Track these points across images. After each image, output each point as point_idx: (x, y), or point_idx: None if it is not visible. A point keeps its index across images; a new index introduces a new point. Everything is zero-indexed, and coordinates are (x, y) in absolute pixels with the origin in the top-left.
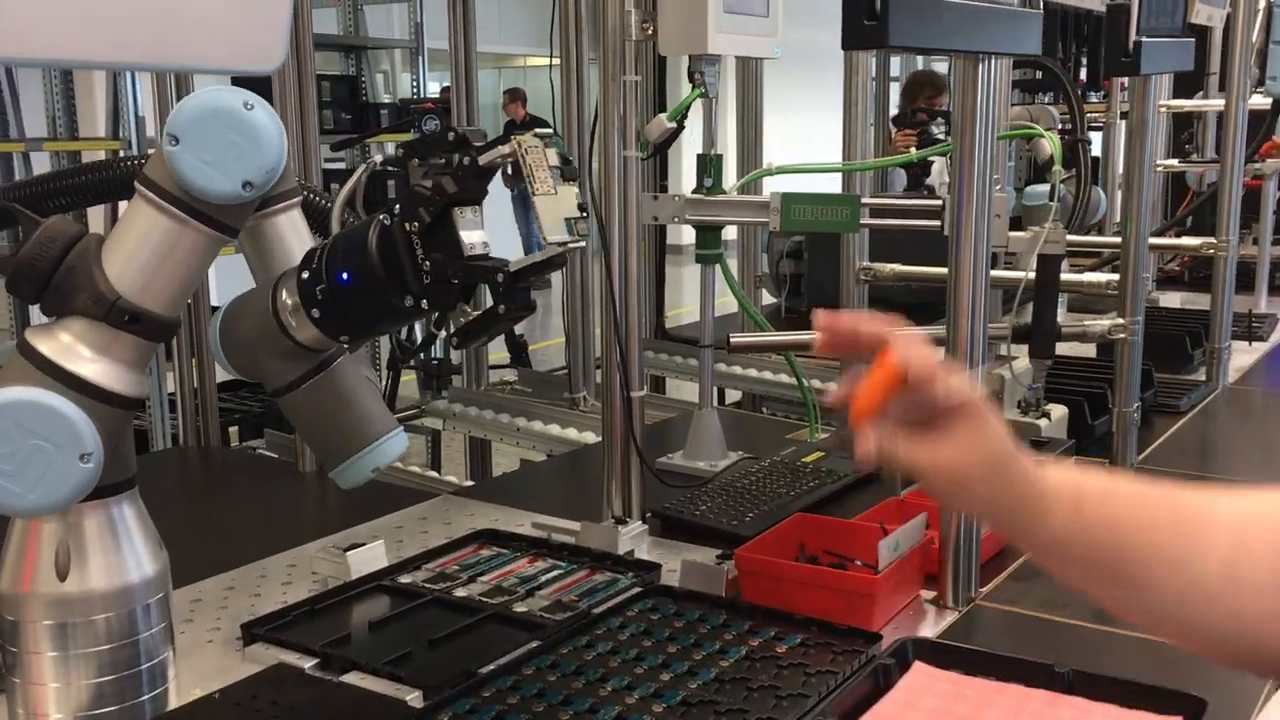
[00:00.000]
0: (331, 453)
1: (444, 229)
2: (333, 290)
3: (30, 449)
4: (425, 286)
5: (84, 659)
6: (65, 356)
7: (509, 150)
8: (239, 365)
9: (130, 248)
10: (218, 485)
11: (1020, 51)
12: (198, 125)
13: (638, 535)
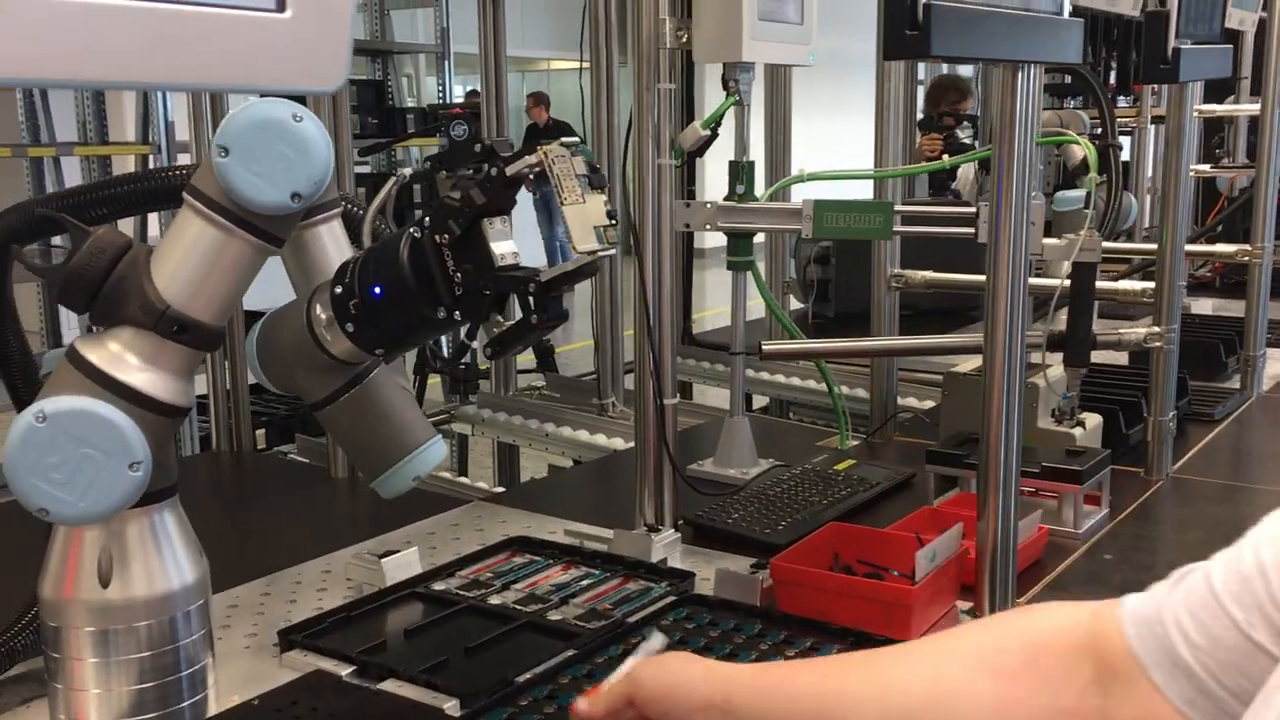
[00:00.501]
0: (372, 464)
1: (474, 240)
2: (366, 304)
3: (80, 458)
4: (457, 298)
5: (125, 665)
6: (114, 366)
7: (536, 160)
8: (276, 380)
9: (179, 258)
10: (250, 490)
11: (1061, 60)
12: (248, 137)
13: (670, 543)
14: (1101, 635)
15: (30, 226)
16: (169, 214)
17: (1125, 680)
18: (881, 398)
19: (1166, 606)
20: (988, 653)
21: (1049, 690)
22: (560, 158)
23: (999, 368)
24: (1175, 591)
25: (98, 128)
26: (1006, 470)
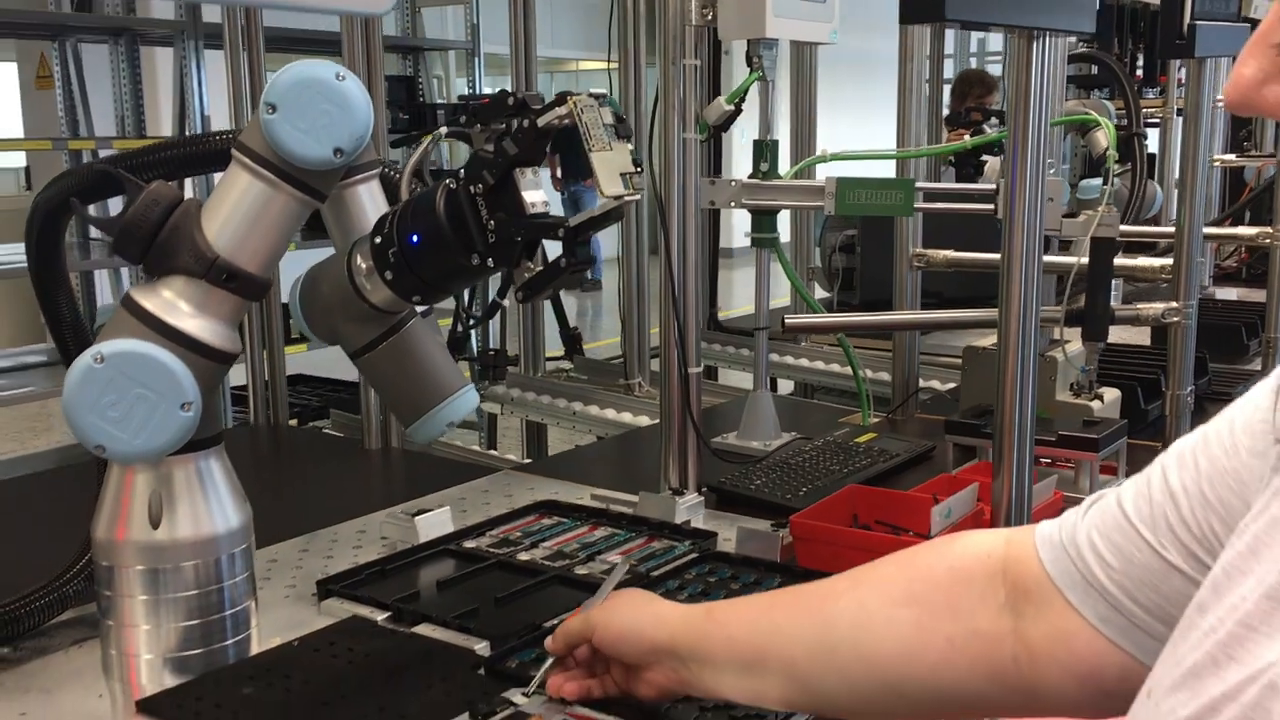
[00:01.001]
0: (408, 409)
1: (506, 190)
2: (404, 252)
3: (135, 397)
4: (490, 245)
5: (173, 603)
6: (167, 312)
7: (566, 111)
8: (318, 330)
9: (227, 210)
10: (287, 460)
11: (1075, 29)
12: (294, 95)
13: (694, 506)
14: (1015, 560)
15: (88, 185)
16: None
17: (1039, 601)
18: (903, 376)
19: (1080, 530)
20: (908, 584)
21: (964, 615)
22: (589, 107)
23: (1014, 329)
24: (1087, 516)
25: (135, 122)
26: (1021, 430)
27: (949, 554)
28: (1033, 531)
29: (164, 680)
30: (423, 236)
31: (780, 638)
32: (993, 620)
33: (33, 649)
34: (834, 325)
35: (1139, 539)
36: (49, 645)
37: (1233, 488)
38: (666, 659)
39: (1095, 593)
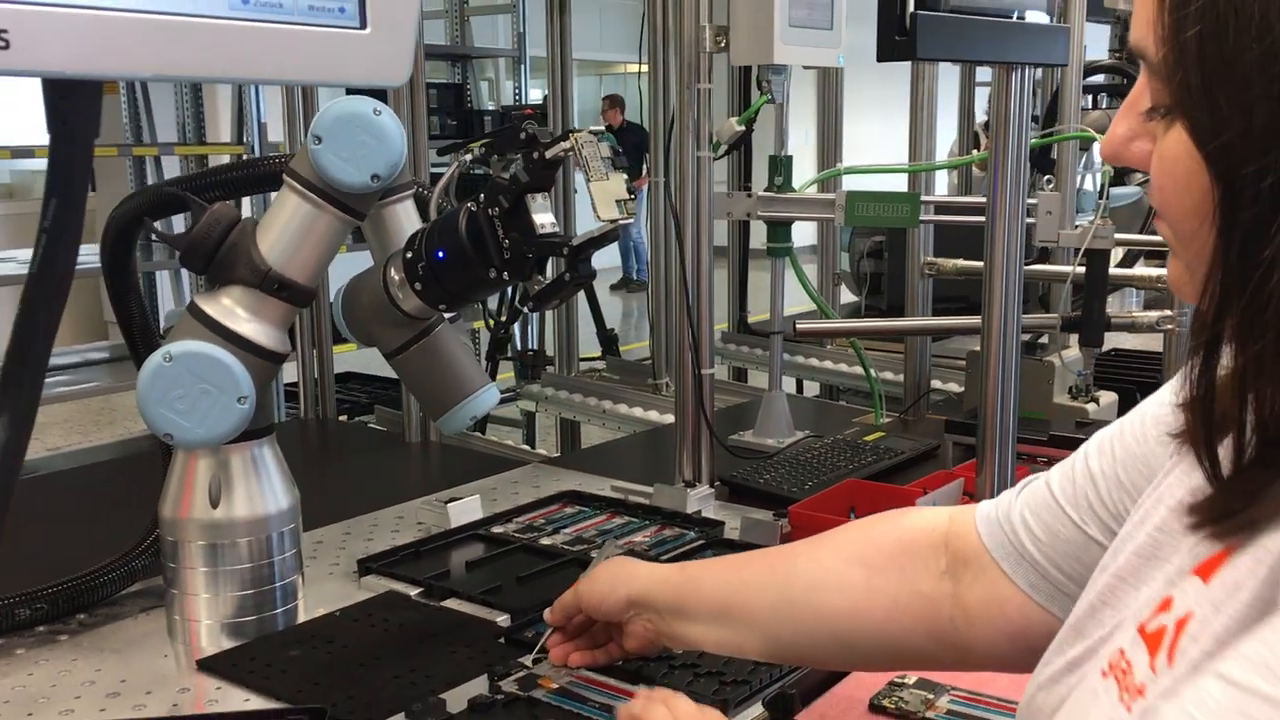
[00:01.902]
0: (436, 404)
1: (519, 213)
2: (431, 266)
3: (199, 392)
4: (506, 261)
5: (230, 575)
6: (227, 317)
7: (569, 144)
8: (356, 333)
9: (279, 228)
10: (333, 451)
11: (1047, 62)
12: (337, 128)
13: (705, 497)
14: (956, 534)
15: (157, 204)
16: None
17: (975, 569)
18: (914, 378)
19: (1013, 508)
20: (861, 548)
21: (908, 578)
22: (588, 142)
23: (995, 333)
24: (1020, 496)
25: (195, 129)
26: (1002, 428)
27: (899, 525)
28: (974, 510)
29: (221, 643)
30: (447, 253)
31: (745, 591)
32: (933, 584)
33: (105, 615)
34: (843, 330)
35: (1064, 516)
36: (120, 613)
37: (1142, 472)
38: (644, 611)
39: (1026, 563)
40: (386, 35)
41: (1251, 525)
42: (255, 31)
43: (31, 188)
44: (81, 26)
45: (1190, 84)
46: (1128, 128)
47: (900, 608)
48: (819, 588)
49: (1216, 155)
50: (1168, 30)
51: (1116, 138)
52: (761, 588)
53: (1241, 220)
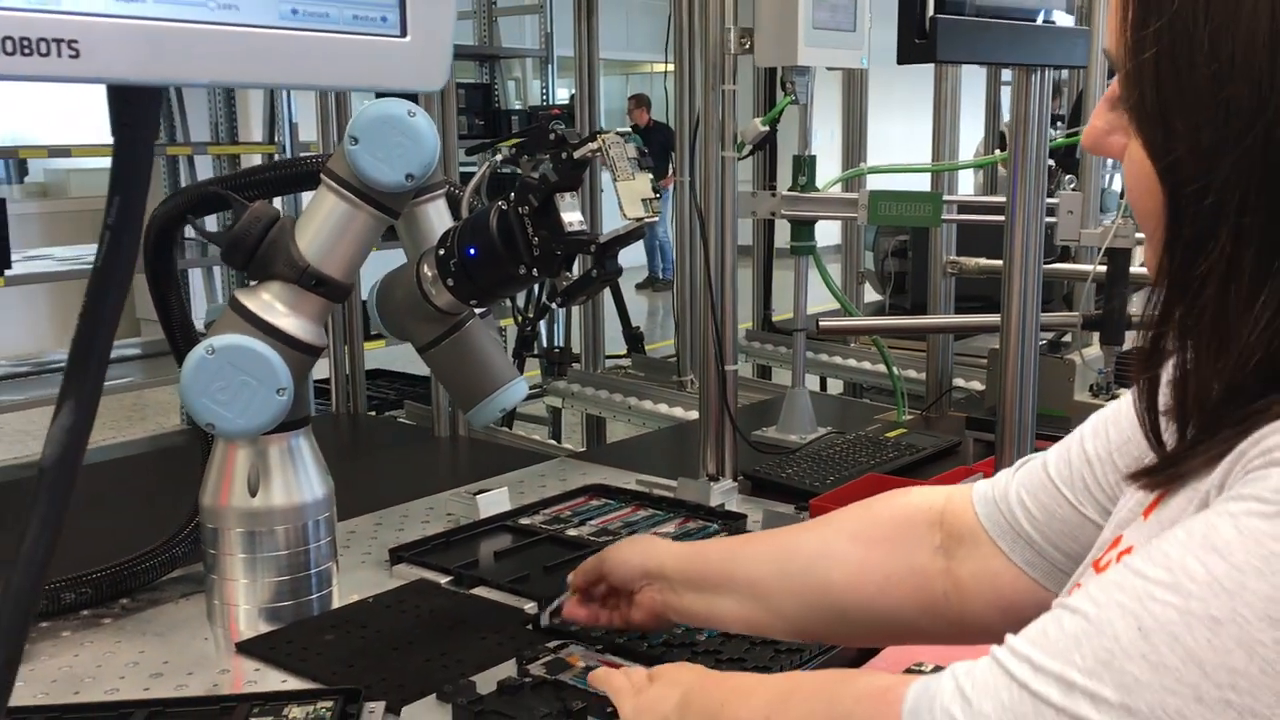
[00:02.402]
0: (467, 397)
1: (549, 212)
2: (463, 263)
3: (239, 383)
4: (535, 257)
5: (267, 561)
6: (266, 311)
7: (597, 145)
8: (391, 328)
9: (316, 226)
10: (364, 445)
11: (1067, 64)
12: (373, 129)
13: (728, 491)
14: (952, 512)
15: (198, 202)
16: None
17: (970, 546)
18: (936, 375)
19: (1010, 488)
20: (862, 525)
21: (903, 552)
22: (616, 143)
23: (1014, 330)
24: (1016, 476)
25: (228, 129)
26: (1021, 423)
27: (896, 503)
28: (970, 489)
29: (259, 627)
30: (479, 250)
31: (749, 563)
32: (927, 560)
33: (147, 600)
34: (865, 328)
35: (1060, 497)
36: (161, 598)
37: (1135, 455)
38: (656, 582)
39: (1022, 541)
40: (425, 42)
41: (1181, 476)
42: (304, 40)
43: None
44: (145, 37)
45: (1146, 102)
46: (1106, 121)
47: (894, 582)
48: (818, 561)
49: (1165, 171)
50: (1129, 48)
51: (1096, 130)
52: (764, 560)
53: (1183, 235)
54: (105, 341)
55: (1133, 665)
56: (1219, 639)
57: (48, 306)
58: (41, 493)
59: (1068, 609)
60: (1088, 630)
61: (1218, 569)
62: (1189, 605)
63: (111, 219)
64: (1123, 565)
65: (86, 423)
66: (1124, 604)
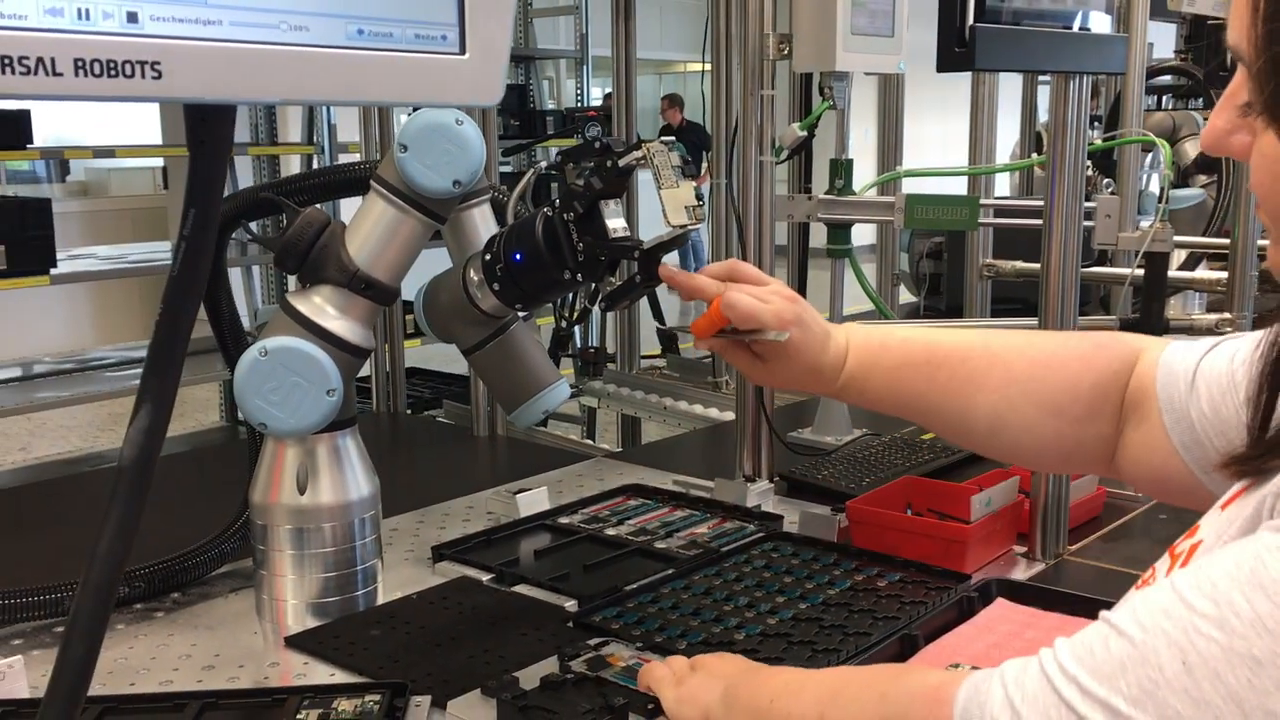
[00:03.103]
0: (510, 399)
1: (593, 218)
2: (509, 268)
3: (291, 385)
4: (579, 263)
5: (315, 557)
6: (317, 314)
7: (642, 153)
8: (436, 330)
9: (366, 231)
10: (404, 444)
11: (1106, 71)
12: (421, 137)
13: (764, 492)
14: (1139, 375)
15: (252, 206)
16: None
17: (1141, 412)
18: None
19: (1196, 367)
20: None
21: (1091, 423)
22: (660, 151)
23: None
24: (1206, 356)
25: (267, 130)
26: None
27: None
28: (1163, 352)
29: (306, 622)
30: (524, 255)
31: (923, 401)
32: (1109, 425)
33: (197, 595)
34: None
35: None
36: (210, 592)
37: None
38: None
39: (1184, 426)
40: (482, 59)
41: (1265, 472)
42: (369, 59)
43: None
44: (222, 58)
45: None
46: (1227, 120)
47: (1081, 450)
48: (1001, 427)
49: None
50: (1261, 40)
51: (1217, 130)
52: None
53: None
54: (181, 346)
55: (1175, 699)
56: (1259, 680)
57: (89, 305)
58: (120, 491)
59: (1115, 630)
60: (1134, 657)
61: (1263, 608)
62: (1232, 643)
63: (187, 229)
64: (1171, 588)
65: (163, 423)
66: (1170, 634)
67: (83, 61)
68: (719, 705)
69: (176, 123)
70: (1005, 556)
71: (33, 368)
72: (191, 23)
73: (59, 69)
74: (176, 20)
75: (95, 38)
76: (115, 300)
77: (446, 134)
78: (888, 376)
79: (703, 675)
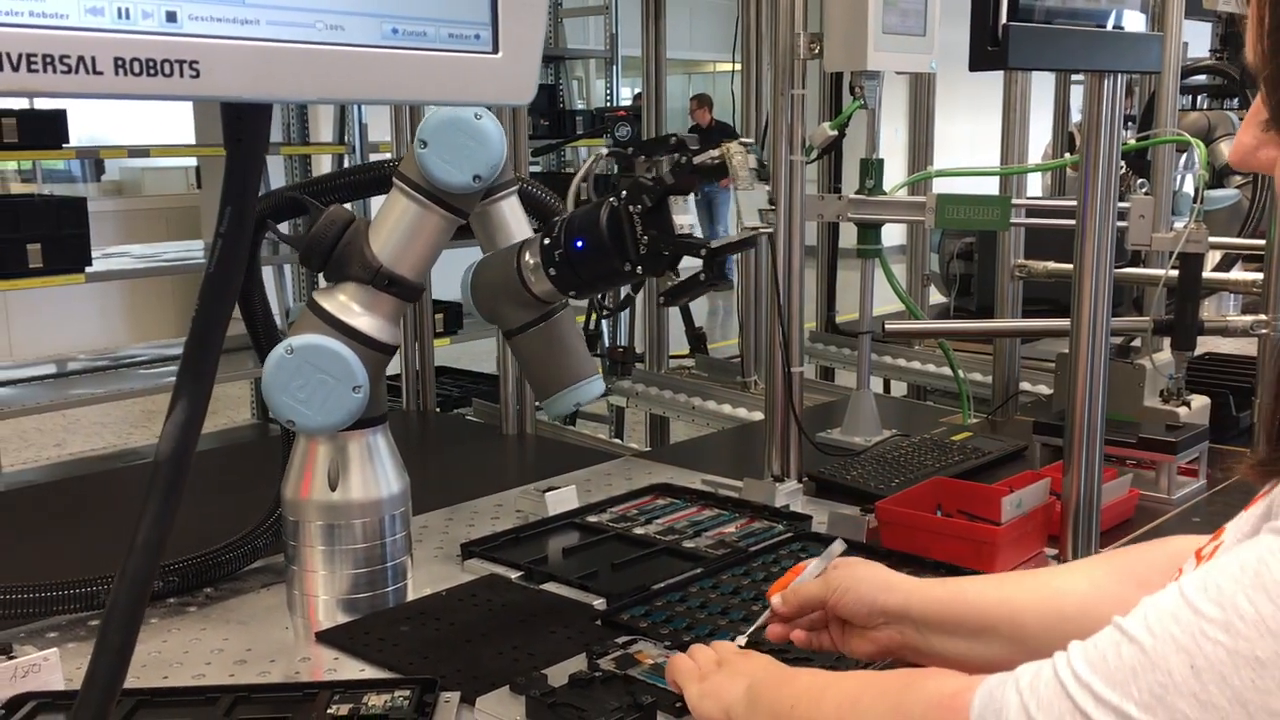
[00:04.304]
0: (545, 386)
1: (661, 212)
2: (569, 254)
3: (318, 382)
4: (642, 256)
5: (345, 554)
6: (343, 312)
7: (719, 154)
8: (481, 309)
9: (389, 228)
10: (434, 442)
11: (1140, 70)
12: (441, 132)
13: (793, 492)
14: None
15: (279, 207)
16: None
17: None
18: (1003, 379)
19: None
20: (1134, 566)
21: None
22: (739, 153)
23: (1084, 334)
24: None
25: (299, 130)
26: (1090, 428)
27: (1169, 546)
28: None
29: (337, 617)
30: (586, 243)
31: (1011, 605)
32: None
33: (229, 590)
34: (930, 331)
35: None
36: (242, 587)
37: None
38: (896, 622)
39: None
40: (515, 58)
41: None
42: (404, 58)
43: (140, 185)
44: (259, 57)
45: None
46: (1253, 137)
47: None
48: (1094, 602)
49: None
50: (1267, 52)
51: (1244, 147)
52: (1029, 601)
53: None
54: (217, 342)
55: (1184, 703)
56: (1262, 680)
57: (123, 303)
58: (158, 484)
59: (1126, 636)
60: (1144, 663)
61: (1265, 609)
62: (1237, 646)
63: (224, 227)
64: (1179, 593)
65: (198, 418)
66: (1178, 639)
67: (122, 60)
68: (741, 704)
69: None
70: (1036, 559)
71: (68, 365)
72: (229, 22)
73: (99, 68)
74: (214, 20)
75: (135, 37)
76: (149, 298)
77: (465, 128)
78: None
79: (727, 672)
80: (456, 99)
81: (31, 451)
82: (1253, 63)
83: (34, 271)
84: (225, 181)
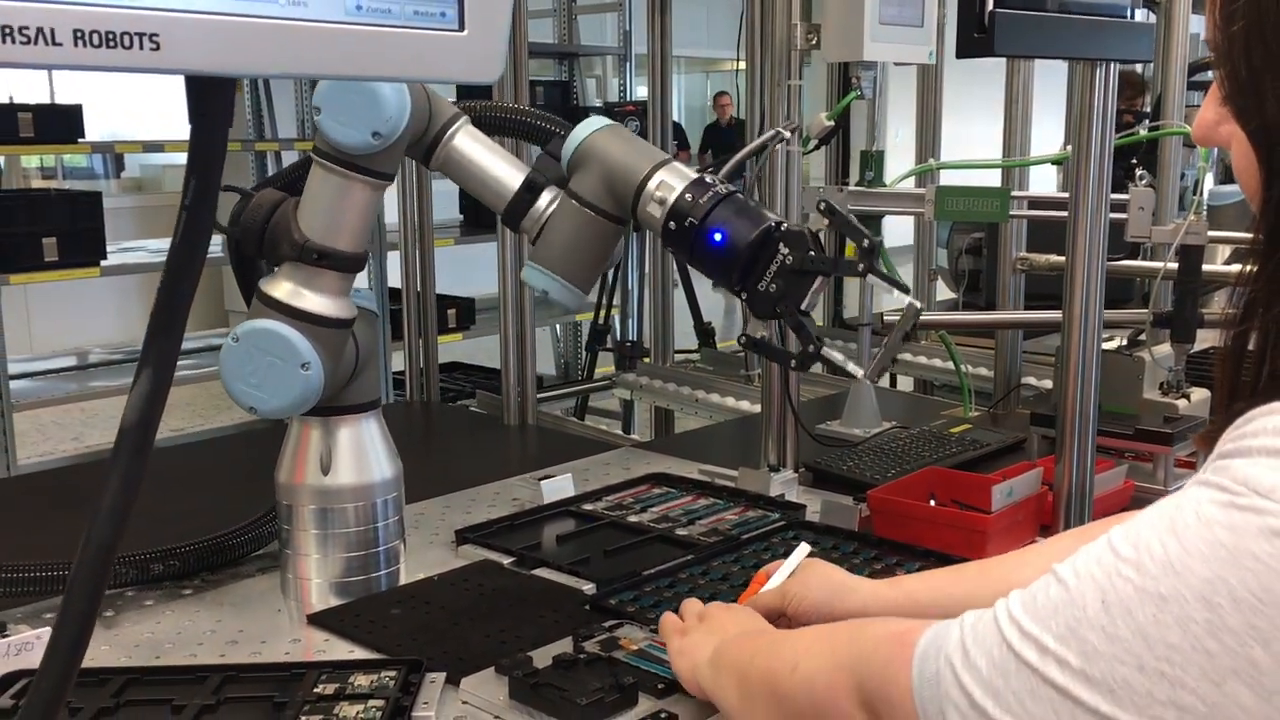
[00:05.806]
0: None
1: (802, 280)
2: (699, 231)
3: (267, 365)
4: (755, 292)
5: (337, 537)
6: (287, 295)
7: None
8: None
9: (312, 202)
10: (435, 432)
11: (1131, 58)
12: (331, 95)
13: (788, 481)
14: None
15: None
16: None
17: None
18: (1005, 372)
19: None
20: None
21: None
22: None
23: (1076, 325)
24: None
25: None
26: (1081, 418)
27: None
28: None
29: (329, 600)
30: (725, 240)
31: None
32: None
33: (227, 574)
34: (931, 324)
35: None
36: (239, 572)
37: None
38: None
39: None
40: (481, 36)
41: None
42: (367, 34)
43: (160, 182)
44: (220, 30)
45: (1238, 74)
46: (1214, 112)
47: None
48: None
49: (1259, 137)
50: (1220, 23)
51: (1205, 122)
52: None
53: (1274, 197)
54: (181, 314)
55: (1093, 635)
56: (1163, 615)
57: (140, 297)
58: (122, 453)
59: (1056, 577)
60: (1065, 600)
61: (1173, 550)
62: (1144, 583)
63: (188, 200)
64: (1106, 540)
65: (163, 388)
66: (1096, 577)
67: (81, 32)
68: (706, 665)
69: None
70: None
71: (86, 358)
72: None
73: (58, 39)
74: None
75: (94, 9)
76: None
77: (354, 88)
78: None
79: (704, 630)
80: (421, 76)
81: (50, 444)
82: (1209, 36)
83: (50, 265)
84: (190, 155)
